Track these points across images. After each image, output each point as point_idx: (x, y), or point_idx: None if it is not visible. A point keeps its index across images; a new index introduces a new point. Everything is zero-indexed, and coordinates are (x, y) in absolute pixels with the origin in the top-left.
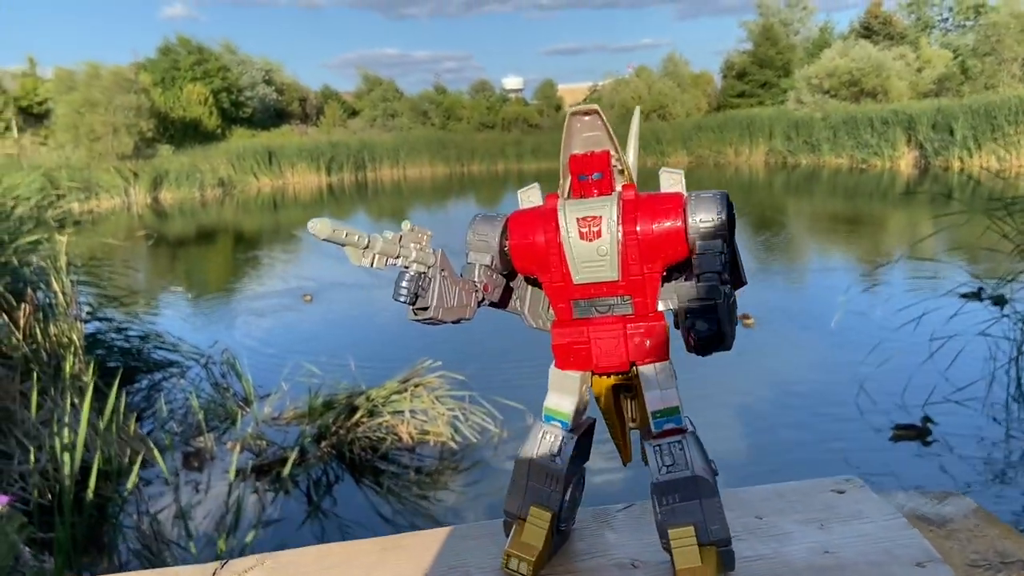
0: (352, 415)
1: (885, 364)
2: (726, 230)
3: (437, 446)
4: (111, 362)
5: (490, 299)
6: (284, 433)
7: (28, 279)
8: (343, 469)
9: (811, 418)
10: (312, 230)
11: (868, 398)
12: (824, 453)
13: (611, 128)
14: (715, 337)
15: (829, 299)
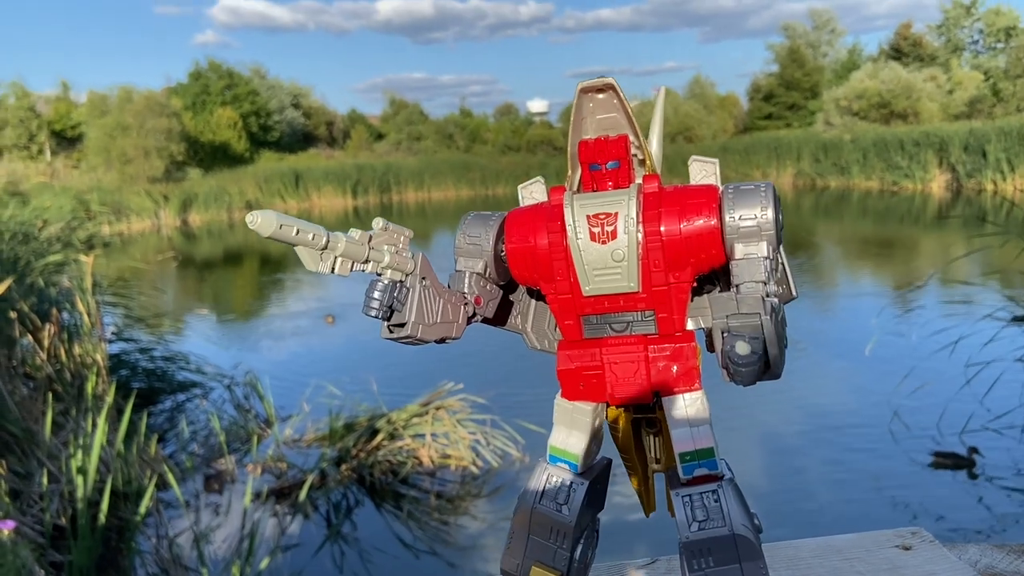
0: (373, 438)
1: (920, 391)
2: (773, 229)
3: (458, 470)
4: (135, 383)
5: (483, 314)
6: (305, 455)
7: (54, 300)
8: (363, 493)
9: (845, 452)
10: (252, 225)
11: (903, 425)
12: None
13: (629, 107)
14: (760, 363)
15: (861, 324)
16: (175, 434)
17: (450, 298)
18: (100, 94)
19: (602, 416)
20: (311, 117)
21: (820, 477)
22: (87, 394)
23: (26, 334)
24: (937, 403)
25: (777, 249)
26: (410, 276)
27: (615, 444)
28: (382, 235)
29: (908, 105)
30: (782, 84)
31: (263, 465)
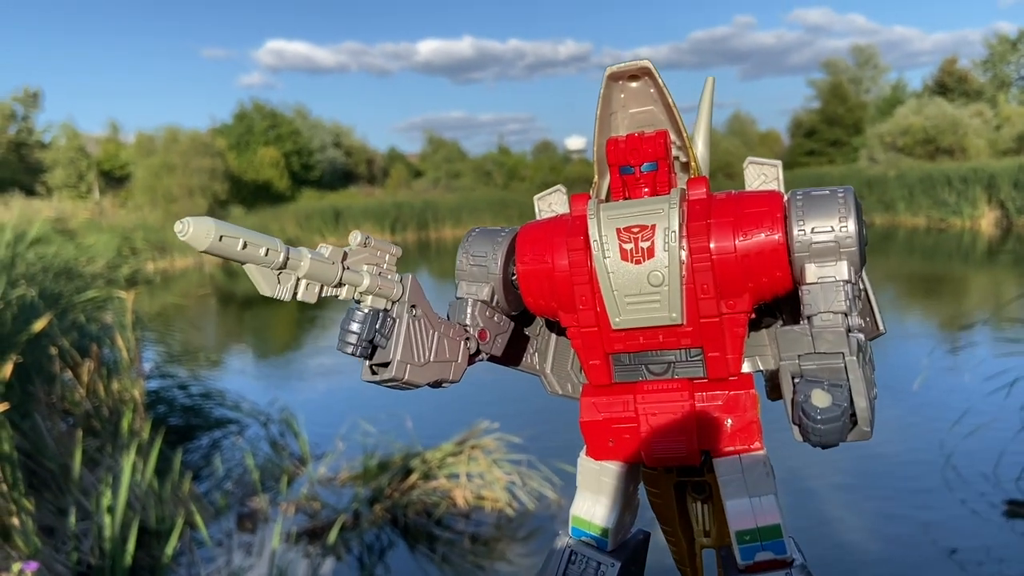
0: (407, 477)
1: (974, 434)
2: (855, 245)
3: (494, 512)
4: (173, 419)
5: (489, 352)
6: (339, 494)
7: (95, 336)
8: (397, 534)
9: (895, 494)
10: (183, 235)
11: (956, 472)
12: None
13: (670, 98)
14: (844, 417)
15: (911, 364)
16: (210, 472)
17: (447, 331)
18: (147, 135)
19: (637, 479)
20: (352, 156)
21: (870, 529)
22: (123, 431)
23: (66, 370)
24: (992, 447)
25: (860, 271)
26: (397, 304)
27: (654, 513)
28: (361, 252)
29: (954, 141)
30: (824, 120)
31: (297, 504)
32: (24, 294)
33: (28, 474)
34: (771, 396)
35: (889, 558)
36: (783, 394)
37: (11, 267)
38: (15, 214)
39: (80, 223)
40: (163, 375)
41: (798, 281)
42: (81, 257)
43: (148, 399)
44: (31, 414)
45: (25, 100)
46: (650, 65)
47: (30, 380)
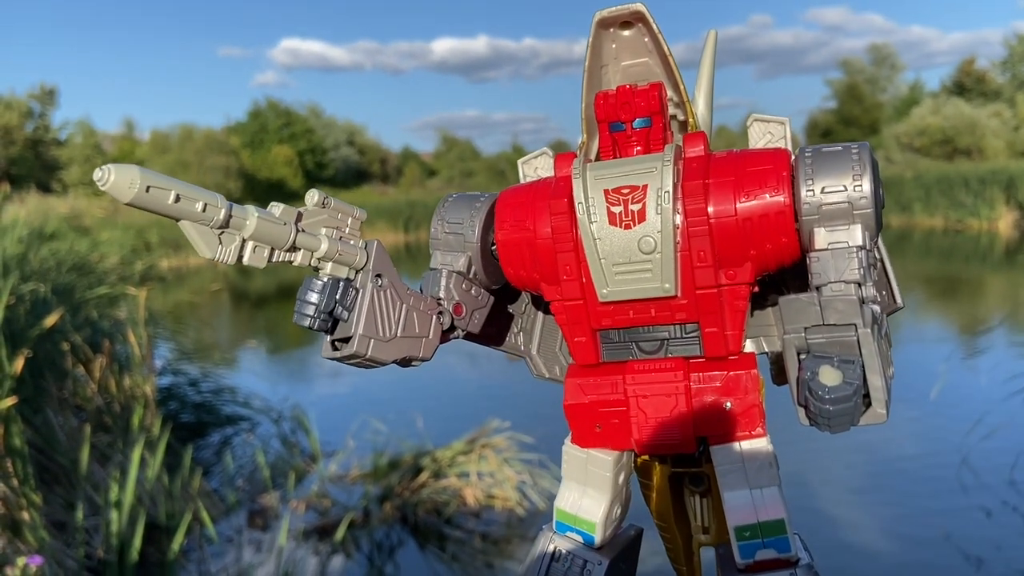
0: (417, 476)
1: (990, 437)
2: (871, 207)
3: (504, 511)
4: (184, 415)
5: (465, 328)
6: (349, 492)
7: (107, 332)
8: (406, 532)
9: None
10: (103, 183)
11: (973, 475)
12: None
13: (667, 47)
14: (856, 398)
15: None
16: (221, 468)
17: (417, 304)
18: (162, 133)
19: (628, 468)
20: (365, 154)
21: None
22: (133, 426)
23: (78, 365)
24: (1009, 450)
25: (876, 237)
26: (360, 273)
27: (648, 507)
28: (319, 214)
29: (972, 142)
30: (841, 120)
31: (307, 501)
32: (36, 289)
33: (39, 469)
34: (777, 381)
35: (905, 561)
36: (787, 371)
37: (24, 262)
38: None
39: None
40: (175, 372)
41: (806, 248)
42: (94, 253)
43: (159, 395)
44: (42, 409)
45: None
46: (643, 9)
47: (42, 375)
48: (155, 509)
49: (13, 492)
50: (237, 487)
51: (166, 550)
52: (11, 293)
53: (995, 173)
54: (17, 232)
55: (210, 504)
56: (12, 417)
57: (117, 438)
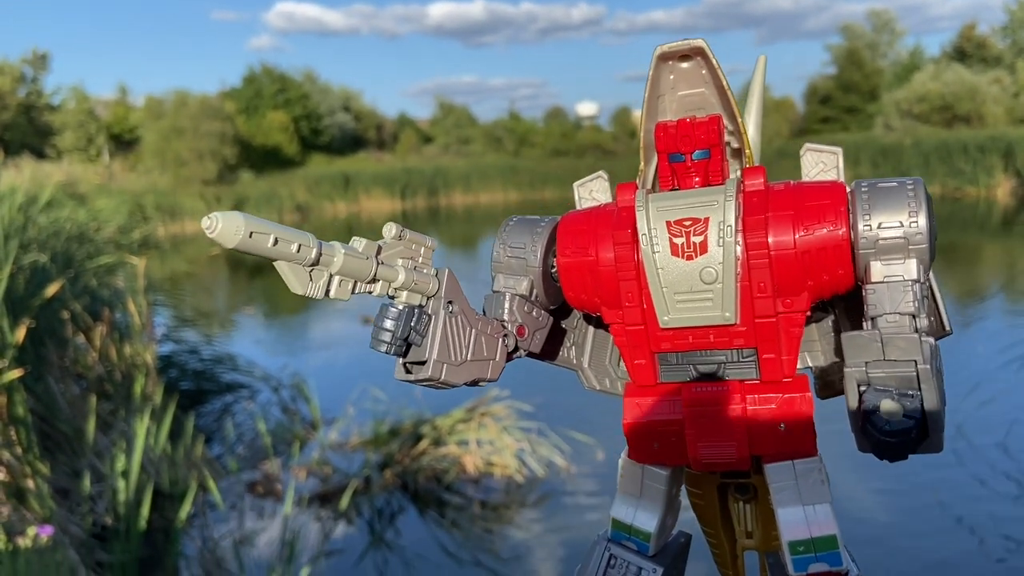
0: (417, 443)
1: (985, 405)
2: (926, 242)
3: (503, 479)
4: (184, 383)
5: (527, 348)
6: (349, 459)
7: (106, 300)
8: (407, 499)
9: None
10: (211, 232)
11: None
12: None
13: (724, 79)
14: (915, 430)
15: None
16: (222, 436)
17: (485, 328)
18: (157, 98)
19: (681, 481)
20: (361, 120)
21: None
22: (135, 394)
23: (78, 334)
24: (1003, 419)
25: (929, 269)
26: (432, 300)
27: (695, 514)
28: (395, 246)
29: (972, 108)
30: (840, 86)
31: (308, 468)
32: (37, 259)
33: (42, 437)
34: (821, 395)
35: (899, 528)
36: (847, 403)
37: (23, 231)
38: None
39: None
40: (175, 340)
41: (861, 279)
42: (92, 222)
43: (160, 363)
44: (44, 378)
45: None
46: (704, 44)
47: (43, 344)
48: (159, 477)
49: (18, 460)
50: (238, 454)
51: (170, 516)
52: (12, 263)
53: (994, 140)
54: (16, 200)
55: (212, 471)
56: (15, 386)
57: (119, 406)
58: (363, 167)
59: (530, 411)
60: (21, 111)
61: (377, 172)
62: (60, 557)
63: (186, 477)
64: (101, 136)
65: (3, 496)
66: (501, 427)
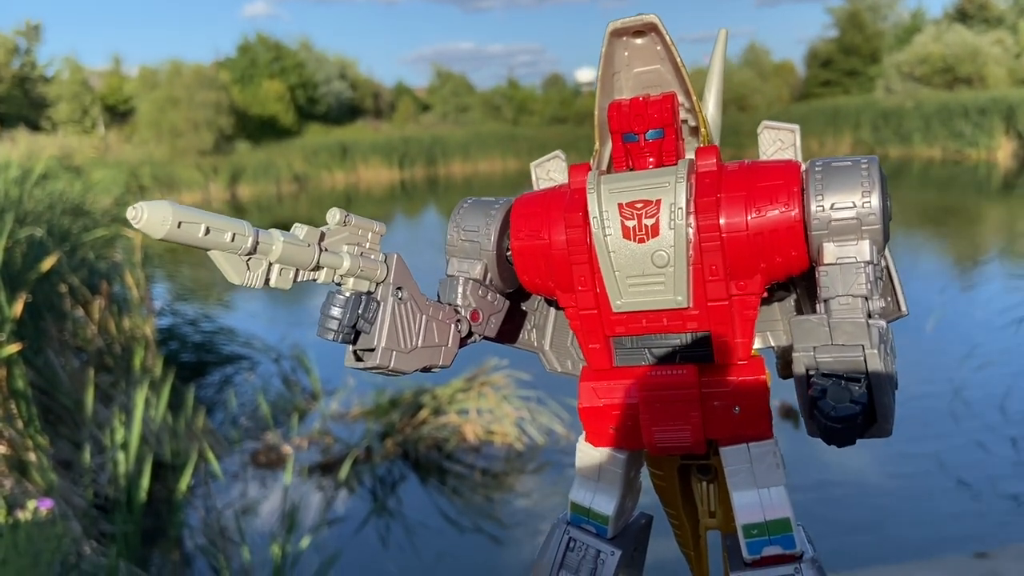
0: (417, 413)
1: (983, 368)
2: (879, 222)
3: (503, 447)
4: (185, 355)
5: (482, 333)
6: (350, 429)
7: (104, 273)
8: (408, 467)
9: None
10: (137, 221)
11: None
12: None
13: (678, 56)
14: (863, 415)
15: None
16: (223, 407)
17: (436, 314)
18: (151, 68)
19: (639, 464)
20: (357, 89)
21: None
22: (135, 367)
23: (77, 307)
24: (1001, 381)
25: (883, 250)
26: (381, 286)
27: (656, 494)
28: (340, 232)
29: (973, 70)
30: (841, 49)
31: (310, 438)
32: (32, 233)
33: (43, 410)
34: (782, 374)
35: (898, 489)
36: (796, 387)
37: (19, 205)
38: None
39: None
40: (174, 312)
41: (815, 260)
42: (88, 194)
43: (159, 336)
44: (44, 351)
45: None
46: (656, 20)
47: (41, 317)
48: (160, 448)
49: (19, 434)
50: (240, 425)
51: (172, 487)
52: (8, 236)
53: (995, 102)
54: (11, 174)
55: (214, 442)
56: (14, 360)
57: (119, 378)
58: (360, 136)
59: (529, 380)
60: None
61: (375, 141)
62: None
63: (188, 448)
64: (96, 107)
65: (5, 469)
66: (500, 396)
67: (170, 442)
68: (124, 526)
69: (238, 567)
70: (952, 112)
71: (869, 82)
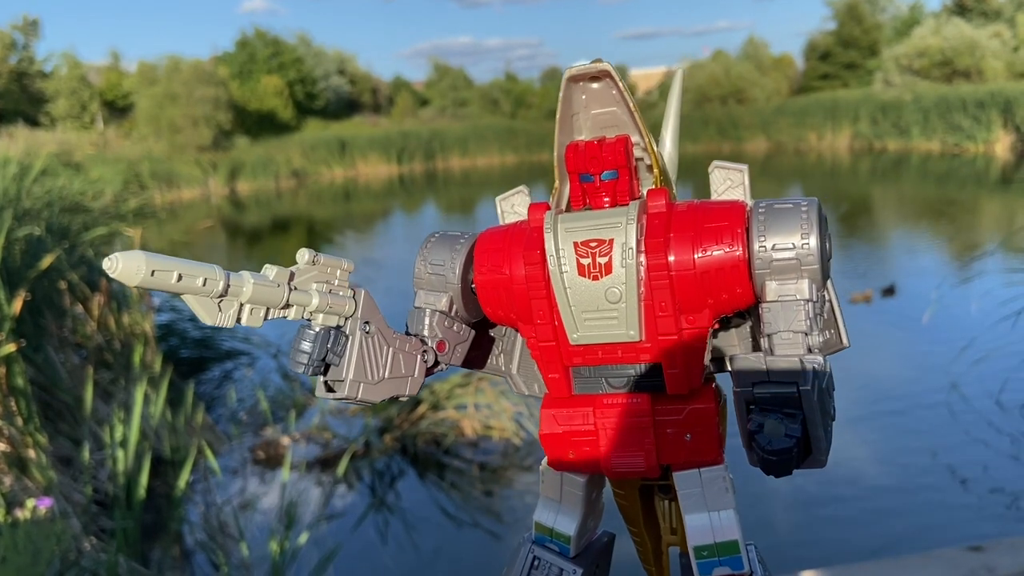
0: (416, 408)
1: (980, 362)
2: (817, 263)
3: (501, 442)
4: (184, 351)
5: (448, 363)
6: (349, 425)
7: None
8: (406, 463)
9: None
10: (112, 271)
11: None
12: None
13: (631, 100)
14: (797, 449)
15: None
16: (223, 403)
17: (403, 346)
18: (149, 64)
19: (601, 485)
20: (356, 84)
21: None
22: (134, 363)
23: (76, 304)
24: (998, 375)
25: (822, 287)
26: (349, 320)
27: (620, 513)
28: (309, 271)
29: (972, 63)
30: (840, 42)
31: (308, 434)
32: (31, 231)
33: (43, 407)
34: None
35: (893, 483)
36: (738, 420)
37: (18, 202)
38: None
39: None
40: (173, 308)
41: (759, 298)
42: (88, 191)
43: (159, 332)
44: (43, 348)
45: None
46: (609, 67)
47: (41, 315)
48: (160, 444)
49: (18, 431)
50: (239, 421)
51: (172, 483)
52: (7, 234)
53: (993, 95)
54: (10, 170)
55: (213, 438)
56: (14, 357)
57: (119, 375)
58: (359, 131)
59: None
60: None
61: (373, 136)
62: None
63: (187, 444)
64: (94, 103)
65: (4, 466)
66: (498, 391)
67: (169, 438)
68: (124, 522)
69: (237, 562)
70: (950, 105)
71: (868, 75)
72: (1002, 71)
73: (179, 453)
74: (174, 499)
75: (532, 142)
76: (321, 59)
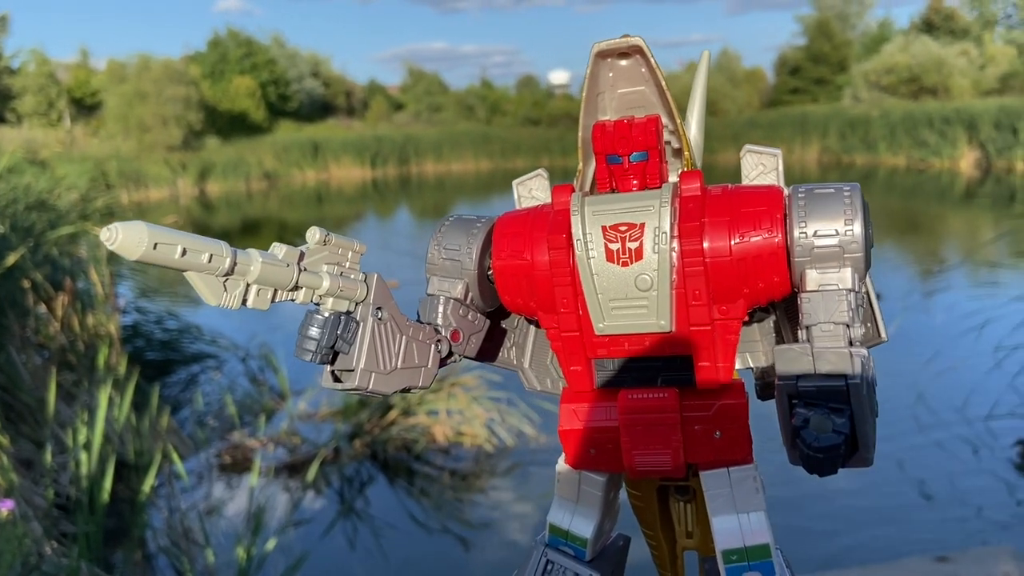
0: (387, 413)
1: (945, 373)
2: (861, 251)
3: (472, 448)
4: (150, 353)
5: (462, 353)
6: (318, 430)
7: (68, 269)
8: (376, 468)
9: None
10: (111, 243)
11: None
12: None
13: (663, 79)
14: (845, 445)
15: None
16: (189, 406)
17: (416, 335)
18: (119, 62)
19: (619, 486)
20: (330, 87)
21: None
22: (99, 365)
23: (40, 304)
24: (962, 386)
25: (864, 277)
26: (360, 306)
27: (635, 515)
28: (320, 251)
29: (939, 80)
30: (810, 58)
31: (277, 439)
32: None
33: (4, 408)
34: (761, 396)
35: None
36: (779, 415)
37: None
38: None
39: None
40: (139, 310)
41: (797, 287)
42: (54, 189)
43: (124, 333)
44: (5, 347)
45: None
46: (642, 42)
47: (3, 314)
48: (124, 447)
49: None
50: (206, 425)
51: (136, 488)
52: None
53: (958, 112)
54: None
55: (179, 442)
56: None
57: (82, 377)
58: (332, 134)
59: (499, 381)
60: None
61: (347, 139)
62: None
63: (152, 448)
64: (62, 100)
65: None
66: (471, 397)
67: (134, 442)
68: (86, 527)
69: (202, 569)
70: (917, 121)
71: (837, 90)
72: (968, 89)
73: (144, 457)
74: (138, 504)
75: (507, 149)
76: (295, 60)
